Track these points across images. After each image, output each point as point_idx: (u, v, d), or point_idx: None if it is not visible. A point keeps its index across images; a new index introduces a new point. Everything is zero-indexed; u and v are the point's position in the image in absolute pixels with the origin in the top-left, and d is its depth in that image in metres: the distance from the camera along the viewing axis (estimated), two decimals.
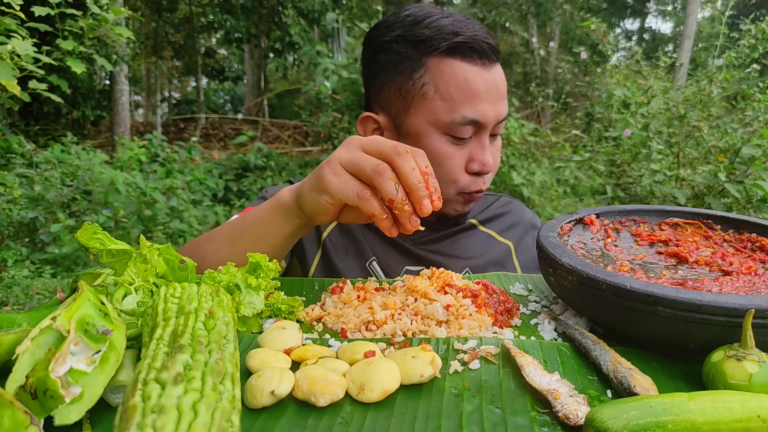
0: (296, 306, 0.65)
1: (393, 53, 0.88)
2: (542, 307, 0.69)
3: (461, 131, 0.85)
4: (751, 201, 2.79)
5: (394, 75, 0.88)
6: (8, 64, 1.68)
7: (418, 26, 0.86)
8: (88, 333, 0.45)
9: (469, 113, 0.84)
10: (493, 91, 0.86)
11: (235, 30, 9.64)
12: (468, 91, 0.83)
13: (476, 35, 0.84)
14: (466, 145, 0.88)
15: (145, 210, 4.65)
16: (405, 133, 0.89)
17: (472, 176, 0.90)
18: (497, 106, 0.87)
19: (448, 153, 0.87)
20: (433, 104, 0.85)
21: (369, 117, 0.93)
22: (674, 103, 3.49)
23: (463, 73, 0.84)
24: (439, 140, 0.87)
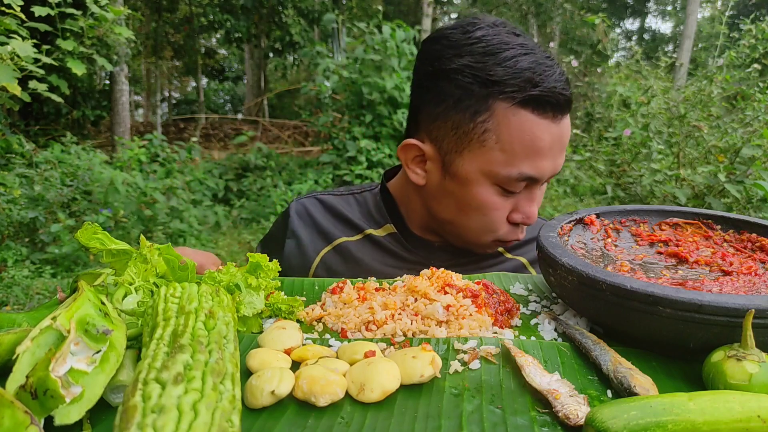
0: (296, 306, 0.65)
1: (456, 85, 0.77)
2: (542, 307, 0.69)
3: (515, 186, 0.79)
4: (751, 201, 2.79)
5: (454, 111, 0.78)
6: (9, 66, 1.68)
7: (491, 59, 0.75)
8: (88, 333, 0.45)
9: (527, 170, 0.77)
10: (557, 146, 0.78)
11: (235, 30, 9.64)
12: (532, 147, 0.75)
13: (555, 87, 0.74)
14: (514, 197, 0.82)
15: (145, 210, 4.65)
16: (453, 174, 0.81)
17: (512, 226, 0.84)
18: (557, 160, 0.80)
19: (495, 204, 0.81)
20: (491, 154, 0.77)
21: (414, 146, 0.84)
22: (674, 103, 3.49)
23: (531, 127, 0.74)
24: (488, 190, 0.80)
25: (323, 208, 1.00)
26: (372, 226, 0.96)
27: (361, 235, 0.96)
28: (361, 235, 0.96)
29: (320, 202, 1.00)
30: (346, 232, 0.96)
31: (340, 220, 0.98)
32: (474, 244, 0.88)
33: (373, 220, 0.97)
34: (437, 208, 0.87)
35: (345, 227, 0.97)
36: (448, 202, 0.84)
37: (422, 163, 0.85)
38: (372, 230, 0.96)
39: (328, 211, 0.99)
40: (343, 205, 0.99)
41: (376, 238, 0.95)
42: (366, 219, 0.97)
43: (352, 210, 0.99)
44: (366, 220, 0.97)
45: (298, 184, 6.07)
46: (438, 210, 0.87)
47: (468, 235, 0.86)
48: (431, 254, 0.93)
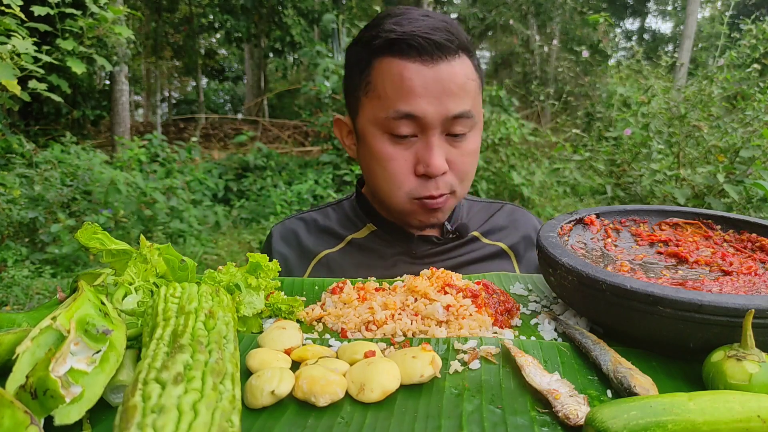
0: (296, 306, 0.65)
1: (352, 57, 0.89)
2: (542, 307, 0.69)
3: (397, 127, 0.81)
4: (751, 201, 2.79)
5: (350, 79, 0.89)
6: (8, 64, 1.67)
7: (370, 28, 0.85)
8: (88, 333, 0.45)
9: (402, 107, 0.80)
10: (436, 88, 0.80)
11: (235, 30, 9.64)
12: (402, 86, 0.80)
13: (414, 31, 0.80)
14: (412, 145, 0.83)
15: (145, 210, 4.65)
16: (358, 135, 0.89)
17: (420, 179, 0.84)
18: (443, 102, 0.81)
19: (389, 154, 0.83)
20: (372, 103, 0.84)
21: (338, 119, 0.95)
22: (674, 102, 3.49)
23: (399, 69, 0.81)
24: (380, 140, 0.84)
25: (305, 225, 1.03)
26: (352, 230, 1.00)
27: (344, 242, 0.99)
28: (343, 243, 0.99)
29: (301, 221, 1.04)
30: (329, 243, 1.00)
31: (321, 233, 1.01)
32: (397, 208, 0.88)
33: (352, 225, 1.00)
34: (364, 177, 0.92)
35: (327, 239, 1.00)
36: (363, 166, 0.90)
37: (351, 134, 0.93)
38: (353, 235, 0.99)
39: (310, 227, 1.03)
40: (322, 218, 1.03)
41: (358, 241, 0.98)
42: (346, 226, 1.01)
43: (331, 221, 1.03)
44: (346, 227, 1.00)
45: (298, 184, 6.07)
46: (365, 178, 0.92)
47: (384, 198, 0.88)
48: (411, 245, 0.95)
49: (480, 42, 14.11)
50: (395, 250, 0.96)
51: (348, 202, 1.05)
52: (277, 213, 5.56)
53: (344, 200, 1.06)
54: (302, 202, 5.79)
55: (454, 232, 0.97)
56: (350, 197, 1.06)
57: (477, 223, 1.03)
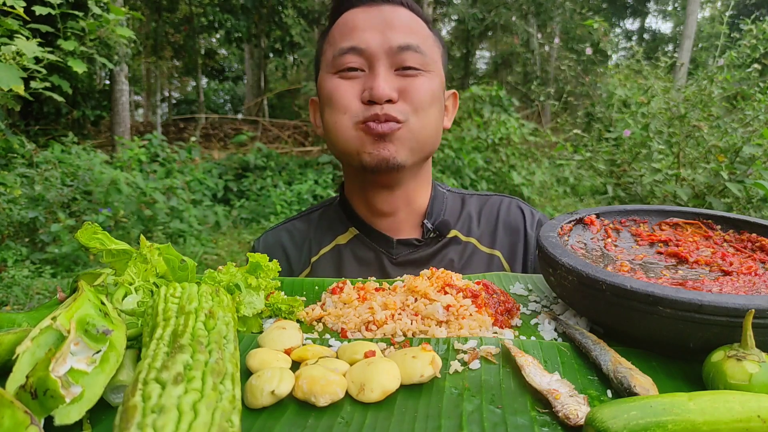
0: (296, 306, 0.65)
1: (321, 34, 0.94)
2: (542, 307, 0.69)
3: (343, 62, 0.84)
4: (752, 201, 2.79)
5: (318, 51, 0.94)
6: (13, 66, 1.67)
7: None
8: (88, 333, 0.45)
9: (345, 43, 0.85)
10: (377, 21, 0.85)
11: (235, 30, 9.64)
12: (345, 26, 0.86)
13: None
14: (360, 79, 0.85)
15: (145, 210, 4.65)
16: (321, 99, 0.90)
17: (367, 105, 0.83)
18: (385, 34, 0.84)
19: (336, 86, 0.85)
20: (325, 55, 0.89)
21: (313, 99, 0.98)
22: (674, 102, 3.49)
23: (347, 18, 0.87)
24: (331, 81, 0.86)
25: (289, 236, 1.02)
26: (337, 234, 0.99)
27: (329, 247, 0.98)
28: (328, 248, 0.98)
29: (286, 231, 1.03)
30: (314, 250, 0.98)
31: (306, 242, 1.00)
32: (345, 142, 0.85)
33: (336, 229, 0.99)
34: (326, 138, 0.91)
35: (312, 246, 0.99)
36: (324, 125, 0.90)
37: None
38: (338, 239, 0.98)
39: (294, 237, 1.02)
40: (305, 226, 1.02)
41: (341, 246, 0.97)
42: (329, 231, 0.99)
43: (314, 227, 1.02)
44: (329, 232, 0.99)
45: (298, 184, 6.07)
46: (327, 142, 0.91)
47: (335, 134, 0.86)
48: (391, 249, 0.94)
49: (480, 42, 14.11)
50: (373, 254, 0.94)
51: (331, 207, 1.04)
52: (277, 213, 5.56)
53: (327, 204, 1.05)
54: (302, 202, 5.79)
55: (435, 231, 0.94)
56: (334, 201, 1.05)
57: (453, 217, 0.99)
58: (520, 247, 0.99)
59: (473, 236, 0.98)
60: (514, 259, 0.98)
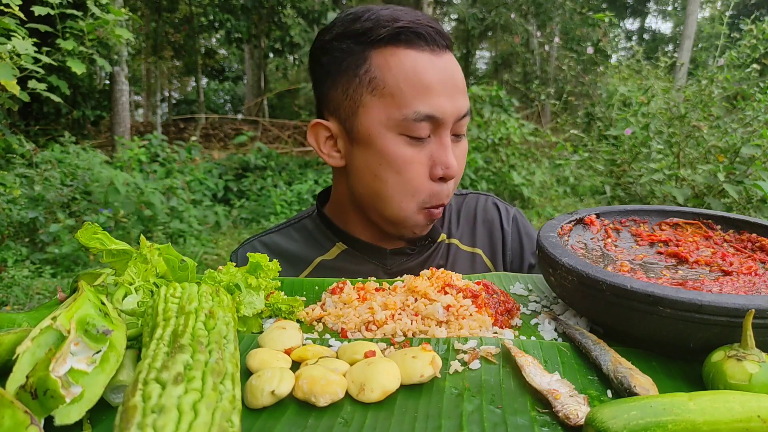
0: (296, 306, 0.65)
1: (335, 52, 0.80)
2: (542, 307, 0.69)
3: (417, 129, 0.76)
4: (751, 201, 2.79)
5: (338, 75, 0.80)
6: (8, 64, 1.67)
7: (358, 21, 0.79)
8: (88, 333, 0.45)
9: (423, 108, 0.75)
10: (449, 82, 0.77)
11: (235, 30, 9.65)
12: (419, 81, 0.75)
13: (419, 20, 0.77)
14: (426, 147, 0.78)
15: (145, 210, 4.65)
16: (356, 138, 0.80)
17: (436, 184, 0.80)
18: (455, 99, 0.78)
19: (406, 156, 0.77)
20: (382, 101, 0.76)
21: (318, 124, 0.84)
22: (674, 102, 3.49)
23: (411, 61, 0.75)
24: (395, 141, 0.77)
25: (268, 251, 0.95)
26: (320, 252, 0.93)
27: (312, 266, 0.93)
28: (311, 267, 0.92)
29: (263, 245, 0.97)
30: (296, 269, 0.93)
31: (286, 259, 0.93)
32: (402, 219, 0.83)
33: (319, 246, 0.94)
34: (356, 186, 0.84)
35: (293, 264, 0.93)
36: (363, 173, 0.81)
37: (335, 145, 0.84)
38: (322, 256, 0.93)
39: (273, 252, 0.95)
40: (285, 241, 0.96)
41: (328, 263, 0.93)
42: (312, 247, 0.94)
43: (295, 243, 0.95)
44: (312, 249, 0.94)
45: (298, 184, 6.07)
46: (358, 188, 0.83)
47: (391, 206, 0.81)
48: (385, 260, 0.91)
49: (480, 42, 14.11)
50: (368, 268, 0.91)
51: (309, 221, 0.97)
52: (277, 213, 5.56)
53: (304, 218, 0.99)
54: (302, 202, 5.79)
55: (426, 238, 0.92)
56: (310, 213, 0.98)
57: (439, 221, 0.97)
58: (498, 244, 0.99)
59: (455, 237, 0.98)
60: (495, 257, 0.98)
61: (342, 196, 0.91)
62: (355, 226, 0.92)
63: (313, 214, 0.98)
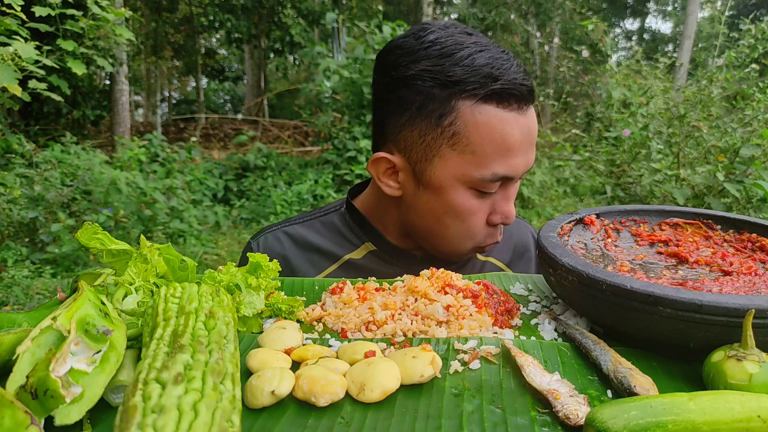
0: (296, 306, 0.65)
1: (417, 91, 0.75)
2: (542, 307, 0.69)
3: (490, 187, 0.77)
4: (751, 201, 2.79)
5: (419, 118, 0.76)
6: (10, 66, 1.68)
7: (449, 61, 0.73)
8: (88, 333, 0.45)
9: (500, 169, 0.75)
10: (527, 141, 0.77)
11: (235, 30, 9.65)
12: (503, 144, 0.74)
13: (515, 78, 0.73)
14: (490, 197, 0.80)
15: (145, 210, 4.65)
16: (426, 183, 0.79)
17: (491, 228, 0.83)
18: (528, 155, 0.78)
19: (472, 209, 0.79)
20: (462, 157, 0.75)
21: (383, 159, 0.81)
22: (674, 103, 3.49)
23: (500, 123, 0.73)
24: (464, 195, 0.78)
25: (293, 242, 0.93)
26: (348, 249, 0.92)
27: (339, 263, 0.91)
28: (337, 264, 0.91)
29: (287, 235, 0.93)
30: (322, 265, 0.91)
31: (313, 254, 0.92)
32: (452, 253, 0.86)
33: (347, 242, 0.92)
34: (414, 219, 0.84)
35: (320, 260, 0.91)
36: (425, 213, 0.82)
37: (394, 175, 0.82)
38: (350, 254, 0.91)
39: (298, 244, 0.92)
40: (311, 234, 0.93)
41: (356, 262, 0.91)
42: (339, 243, 0.92)
43: (322, 238, 0.93)
44: (340, 245, 0.92)
45: (298, 184, 6.07)
46: (415, 221, 0.84)
47: (447, 245, 0.84)
48: (414, 266, 0.89)
49: None
50: (396, 271, 0.89)
51: (337, 216, 0.95)
52: (277, 213, 5.56)
53: (332, 211, 0.96)
54: (302, 202, 5.79)
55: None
56: (338, 208, 0.96)
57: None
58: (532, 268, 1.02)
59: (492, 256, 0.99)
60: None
61: (385, 207, 0.90)
62: (390, 233, 0.91)
63: (341, 209, 0.96)
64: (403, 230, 0.90)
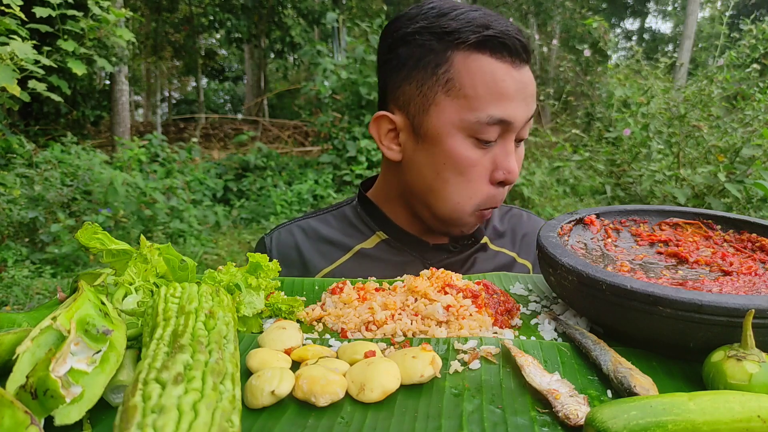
0: (296, 306, 0.65)
1: (415, 46, 0.79)
2: (542, 307, 0.69)
3: (487, 132, 0.77)
4: (751, 201, 2.79)
5: (416, 70, 0.79)
6: (9, 66, 1.68)
7: (444, 18, 0.78)
8: (88, 333, 0.45)
9: (496, 112, 0.76)
10: (523, 92, 0.78)
11: (235, 30, 9.66)
12: (496, 89, 0.76)
13: (508, 30, 0.76)
14: (490, 151, 0.79)
15: (145, 210, 4.65)
16: (423, 135, 0.80)
17: (494, 187, 0.82)
18: (527, 106, 0.79)
19: (471, 159, 0.78)
20: (457, 102, 0.77)
21: (384, 116, 0.83)
22: (674, 103, 3.49)
23: (492, 70, 0.76)
24: (463, 143, 0.78)
25: (305, 235, 0.95)
26: (360, 239, 0.93)
27: (351, 253, 0.92)
28: (350, 254, 0.92)
29: (300, 230, 0.96)
30: (334, 256, 0.92)
31: (325, 245, 0.93)
32: (451, 219, 0.84)
33: (358, 233, 0.93)
34: (414, 181, 0.84)
35: (332, 251, 0.93)
36: (424, 170, 0.82)
37: (396, 137, 0.84)
38: (361, 244, 0.93)
39: (310, 237, 0.95)
40: (323, 226, 0.95)
41: (367, 251, 0.92)
42: (350, 234, 0.94)
43: (334, 230, 0.95)
44: (351, 236, 0.93)
45: (298, 184, 6.08)
46: (415, 182, 0.84)
47: (447, 204, 0.82)
48: (426, 254, 0.91)
49: None
50: (406, 259, 0.90)
51: (349, 208, 0.97)
52: (277, 213, 5.56)
53: (343, 205, 0.98)
54: (302, 202, 5.79)
55: (470, 237, 0.93)
56: (350, 202, 0.98)
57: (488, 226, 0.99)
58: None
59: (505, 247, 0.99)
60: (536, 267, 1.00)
61: (391, 187, 0.91)
62: (400, 218, 0.92)
63: (353, 202, 0.97)
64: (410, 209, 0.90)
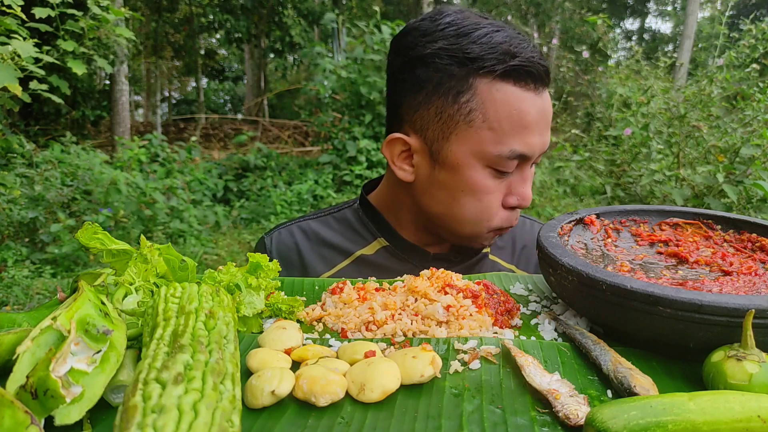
0: (296, 306, 0.65)
1: (434, 69, 0.76)
2: (542, 307, 0.69)
3: (507, 165, 0.77)
4: (751, 201, 2.79)
5: (435, 95, 0.77)
6: (11, 66, 1.68)
7: (466, 39, 0.75)
8: (88, 333, 0.45)
9: (518, 146, 0.75)
10: (543, 121, 0.77)
11: (235, 30, 9.66)
12: (520, 121, 0.74)
13: (533, 57, 0.74)
14: (507, 178, 0.80)
15: (145, 210, 4.65)
16: (442, 162, 0.79)
17: (507, 211, 0.82)
18: (544, 136, 0.79)
19: (489, 188, 0.78)
20: (479, 134, 0.75)
21: (398, 139, 0.81)
22: (674, 103, 3.49)
23: (517, 101, 0.74)
24: (481, 173, 0.77)
25: (305, 237, 0.94)
26: (360, 245, 0.92)
27: (351, 258, 0.91)
28: (350, 260, 0.91)
29: (300, 231, 0.95)
30: (334, 260, 0.92)
31: (325, 248, 0.92)
32: (469, 238, 0.85)
33: (359, 238, 0.92)
34: (429, 203, 0.84)
35: (332, 255, 0.92)
36: (440, 194, 0.81)
37: (409, 158, 0.82)
38: (362, 250, 0.92)
39: (311, 239, 0.94)
40: (324, 229, 0.94)
41: (367, 257, 0.91)
42: (352, 239, 0.93)
43: (334, 233, 0.94)
44: (352, 240, 0.92)
45: (298, 184, 6.08)
46: (430, 204, 0.84)
47: (463, 228, 0.83)
48: (426, 263, 0.89)
49: None
50: (406, 267, 0.89)
51: (350, 211, 0.96)
52: (277, 213, 5.56)
53: (344, 208, 0.97)
54: (302, 202, 5.79)
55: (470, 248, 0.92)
56: (352, 205, 0.97)
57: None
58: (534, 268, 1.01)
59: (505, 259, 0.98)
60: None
61: (401, 202, 0.90)
62: (405, 229, 0.91)
63: (355, 205, 0.96)
64: (418, 223, 0.89)
